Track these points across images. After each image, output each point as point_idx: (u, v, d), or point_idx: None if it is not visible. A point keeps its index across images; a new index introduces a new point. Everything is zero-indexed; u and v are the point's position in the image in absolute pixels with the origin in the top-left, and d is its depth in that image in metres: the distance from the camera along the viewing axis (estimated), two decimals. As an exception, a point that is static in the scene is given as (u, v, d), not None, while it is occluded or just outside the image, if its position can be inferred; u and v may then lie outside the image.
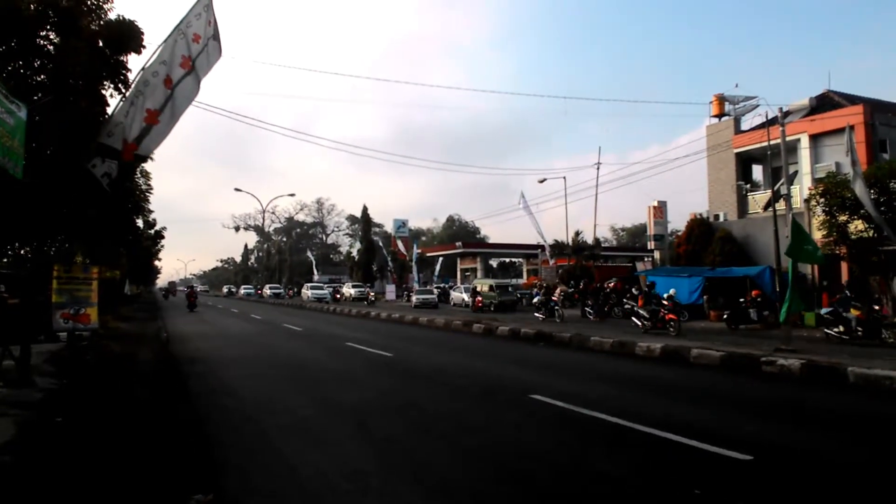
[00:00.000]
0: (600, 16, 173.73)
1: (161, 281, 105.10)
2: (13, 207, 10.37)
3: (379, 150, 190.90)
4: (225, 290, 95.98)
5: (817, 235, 19.46)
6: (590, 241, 37.63)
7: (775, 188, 23.16)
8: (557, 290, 24.93)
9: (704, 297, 23.97)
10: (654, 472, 5.19)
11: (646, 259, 36.79)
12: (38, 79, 11.34)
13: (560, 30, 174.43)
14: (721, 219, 31.56)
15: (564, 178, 35.56)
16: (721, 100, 33.89)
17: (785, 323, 13.56)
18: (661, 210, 33.57)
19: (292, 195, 66.53)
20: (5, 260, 14.83)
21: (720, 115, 34.07)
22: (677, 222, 49.08)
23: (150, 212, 23.20)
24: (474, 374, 10.74)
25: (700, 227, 30.52)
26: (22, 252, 13.28)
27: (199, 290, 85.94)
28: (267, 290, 67.09)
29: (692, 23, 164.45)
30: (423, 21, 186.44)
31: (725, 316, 20.47)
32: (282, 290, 66.84)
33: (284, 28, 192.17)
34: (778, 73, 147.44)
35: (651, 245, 35.00)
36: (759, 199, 31.25)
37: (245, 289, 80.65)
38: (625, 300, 25.60)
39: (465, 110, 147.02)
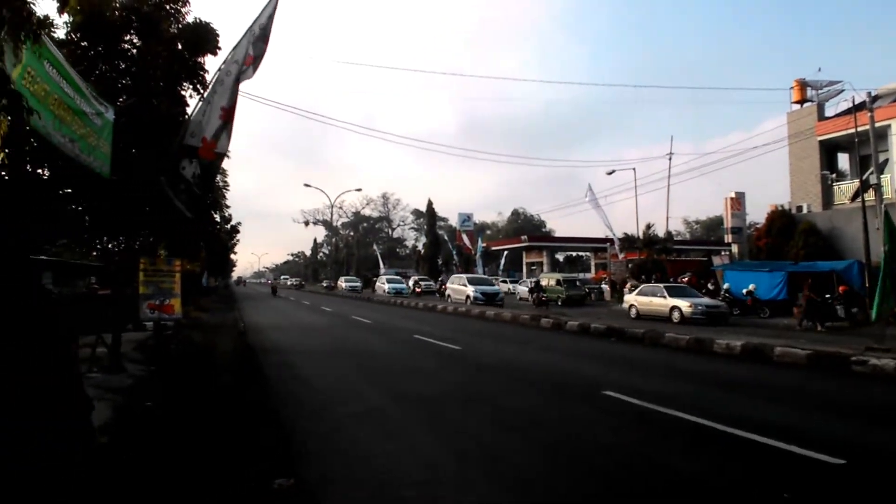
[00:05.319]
0: None
1: (236, 274, 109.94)
2: (103, 204, 10.98)
3: (445, 143, 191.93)
4: (325, 283, 70.98)
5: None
6: (661, 234, 36.49)
7: (864, 177, 21.67)
8: (628, 285, 24.30)
9: (802, 293, 22.29)
10: (738, 474, 4.95)
11: (723, 253, 35.23)
12: (123, 82, 11.94)
13: (633, 10, 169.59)
14: (804, 210, 29.99)
15: (634, 169, 34.57)
16: (803, 85, 32.12)
17: (878, 321, 12.66)
18: (739, 201, 32.16)
19: (359, 190, 67.90)
20: (95, 254, 15.76)
21: (802, 102, 32.28)
22: (756, 214, 46.87)
23: (227, 207, 24.11)
24: (544, 368, 10.58)
25: (781, 220, 29.07)
26: (110, 246, 14.05)
27: (291, 284, 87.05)
28: (469, 290, 32.01)
29: (773, 3, 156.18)
30: (492, 6, 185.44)
31: (803, 312, 19.34)
32: (498, 290, 33.27)
33: (352, 24, 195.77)
34: (864, 55, 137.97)
35: (728, 238, 33.66)
36: (845, 189, 29.47)
37: (349, 282, 57.66)
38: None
39: (534, 102, 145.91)
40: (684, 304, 20.52)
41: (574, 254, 76.69)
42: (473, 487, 4.54)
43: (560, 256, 74.32)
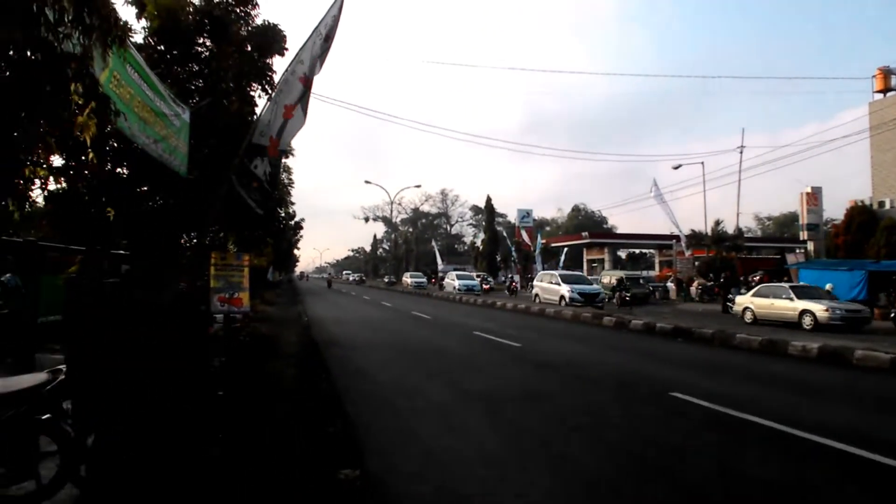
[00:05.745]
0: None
1: (298, 269, 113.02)
2: (178, 201, 11.46)
3: (506, 139, 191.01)
4: (386, 279, 70.53)
5: None
6: (731, 230, 35.12)
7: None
8: (695, 283, 23.47)
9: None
10: (818, 482, 4.72)
11: (797, 250, 33.57)
12: (196, 84, 12.41)
13: None
14: (887, 206, 28.34)
15: (702, 163, 33.45)
16: (886, 73, 30.33)
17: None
18: (815, 197, 30.67)
19: (418, 186, 68.50)
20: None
21: (885, 91, 30.47)
22: (834, 210, 44.49)
23: (292, 203, 24.74)
24: (608, 367, 10.37)
25: (861, 216, 27.57)
26: (182, 241, 14.68)
27: (352, 279, 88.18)
28: (564, 290, 27.17)
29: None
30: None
31: (893, 314, 18.20)
32: (599, 290, 28.64)
33: (413, 21, 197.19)
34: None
35: (803, 235, 32.22)
36: (936, 182, 27.65)
37: (415, 278, 56.92)
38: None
39: (598, 95, 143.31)
40: (818, 308, 17.13)
41: (637, 251, 74.91)
42: (537, 486, 4.50)
43: (622, 253, 72.76)
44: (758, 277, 25.88)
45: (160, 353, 3.53)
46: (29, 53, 3.01)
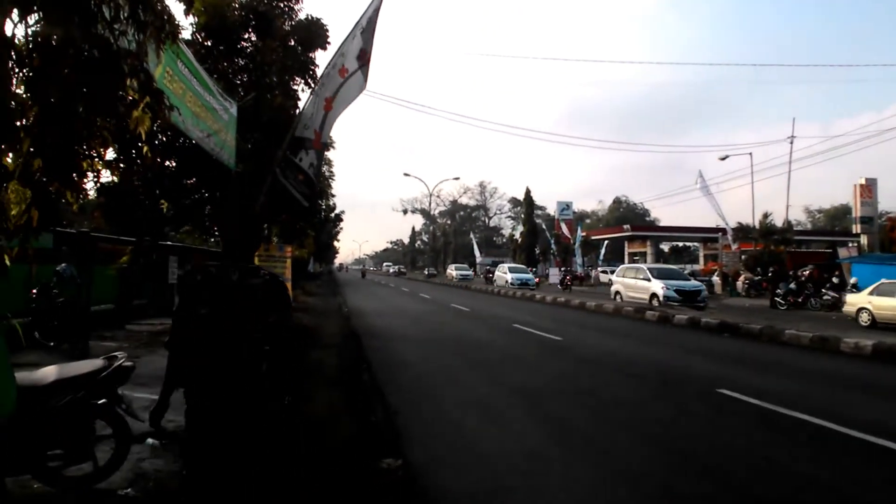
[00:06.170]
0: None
1: (338, 260, 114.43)
2: (223, 192, 11.73)
3: (547, 131, 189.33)
4: (426, 271, 68.88)
5: None
6: (780, 223, 34.03)
7: None
8: (741, 278, 22.81)
9: None
10: (875, 482, 4.56)
11: (850, 244, 32.29)
12: (241, 79, 12.64)
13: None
14: (949, 197, 26.92)
15: (751, 154, 32.45)
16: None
17: None
18: (869, 189, 29.42)
19: (457, 179, 68.41)
20: (213, 239, 16.90)
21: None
22: (889, 203, 42.67)
23: (333, 196, 25.04)
24: (651, 362, 10.19)
25: (921, 208, 26.27)
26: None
27: (392, 271, 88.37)
28: (657, 286, 22.85)
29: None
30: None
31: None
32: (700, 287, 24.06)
33: (452, 11, 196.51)
34: None
35: (857, 228, 30.96)
36: None
37: (461, 270, 55.99)
38: (823, 290, 22.83)
39: (642, 85, 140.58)
40: None
41: (680, 244, 73.37)
42: (581, 481, 4.45)
43: (665, 247, 71.36)
44: (807, 272, 25.03)
45: (255, 328, 3.61)
46: (86, 50, 3.10)
